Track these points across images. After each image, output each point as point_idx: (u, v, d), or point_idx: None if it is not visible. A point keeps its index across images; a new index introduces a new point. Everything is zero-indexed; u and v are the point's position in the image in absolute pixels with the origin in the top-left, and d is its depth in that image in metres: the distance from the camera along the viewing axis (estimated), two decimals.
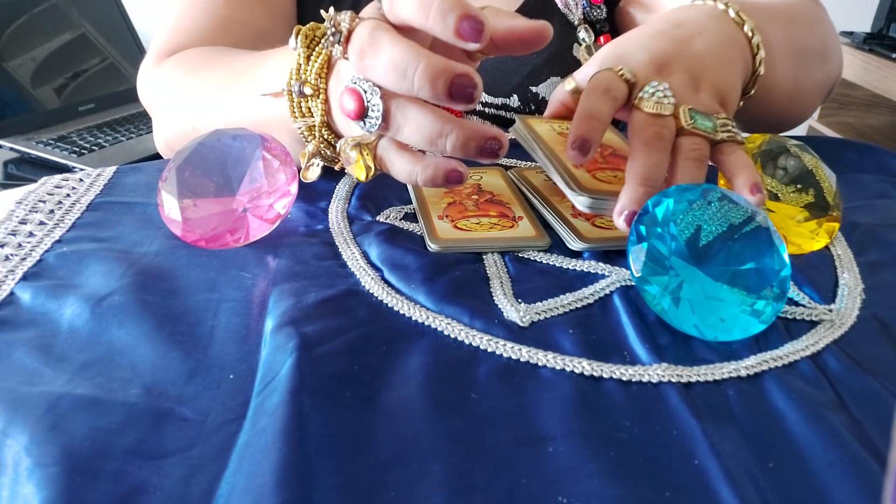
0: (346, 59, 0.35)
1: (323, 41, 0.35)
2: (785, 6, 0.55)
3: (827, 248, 0.42)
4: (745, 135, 0.43)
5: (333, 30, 0.34)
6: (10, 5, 1.36)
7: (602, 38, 0.67)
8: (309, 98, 0.40)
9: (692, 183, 0.37)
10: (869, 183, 0.53)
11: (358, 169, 0.36)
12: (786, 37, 0.52)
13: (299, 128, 0.41)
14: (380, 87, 0.33)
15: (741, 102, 0.48)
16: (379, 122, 0.34)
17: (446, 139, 0.33)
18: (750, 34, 0.47)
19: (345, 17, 0.34)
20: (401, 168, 0.35)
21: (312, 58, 0.39)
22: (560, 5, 0.66)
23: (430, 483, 0.24)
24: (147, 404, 0.28)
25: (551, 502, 0.24)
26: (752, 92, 0.48)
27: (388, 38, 0.32)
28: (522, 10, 0.67)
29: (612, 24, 0.69)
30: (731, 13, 0.47)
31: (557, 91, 0.48)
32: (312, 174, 0.43)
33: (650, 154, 0.37)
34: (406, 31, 0.34)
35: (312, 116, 0.41)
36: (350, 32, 0.34)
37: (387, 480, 0.24)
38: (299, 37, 0.39)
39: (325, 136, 0.41)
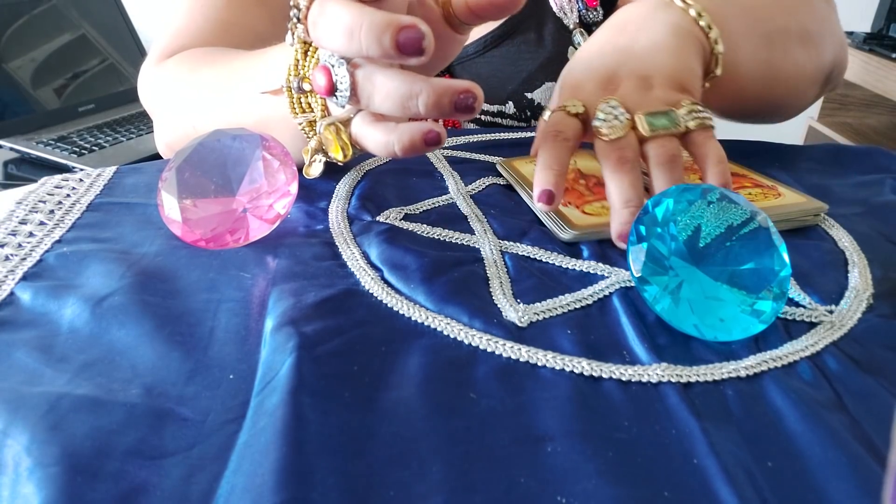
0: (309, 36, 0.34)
1: (289, 24, 0.34)
2: None
3: (840, 251, 0.42)
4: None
5: (295, 10, 0.34)
6: (11, 6, 1.36)
7: None
8: (308, 94, 0.40)
9: (672, 184, 0.37)
10: (870, 185, 0.53)
11: (335, 149, 0.36)
12: (749, 17, 0.51)
13: (300, 124, 0.41)
14: (346, 60, 0.33)
15: (706, 84, 0.48)
16: (348, 94, 0.33)
17: (418, 99, 0.32)
18: (696, 16, 0.46)
19: None
20: (376, 141, 0.35)
21: (310, 53, 0.39)
22: (555, 8, 0.66)
23: (429, 482, 0.24)
24: (147, 404, 0.28)
25: (550, 502, 0.24)
26: (719, 71, 0.48)
27: (336, 3, 0.31)
28: (515, 13, 0.67)
29: None
30: (677, 0, 0.47)
31: (539, 123, 0.48)
32: (315, 170, 0.43)
33: (621, 178, 0.38)
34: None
35: (313, 112, 0.41)
36: (308, 9, 0.33)
37: (386, 480, 0.25)
38: (296, 33, 0.39)
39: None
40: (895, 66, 1.55)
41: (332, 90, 0.34)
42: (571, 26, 0.66)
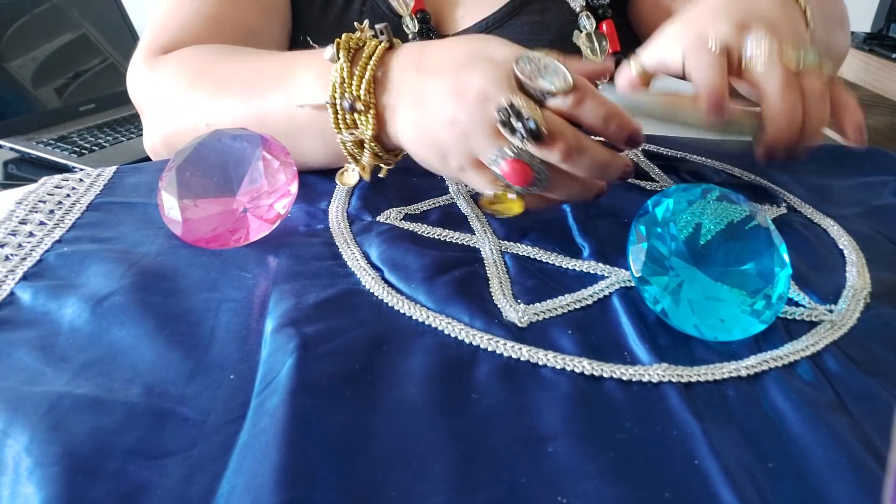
0: (529, 147, 0.37)
1: (508, 133, 0.37)
2: None
3: (840, 250, 0.42)
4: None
5: (518, 124, 0.36)
6: (11, 6, 1.36)
7: (604, 24, 0.66)
8: (359, 113, 0.41)
9: (826, 119, 0.43)
10: (872, 186, 0.53)
11: (506, 209, 0.39)
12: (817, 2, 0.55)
13: (343, 140, 0.43)
14: (544, 162, 0.37)
15: None
16: (541, 190, 0.39)
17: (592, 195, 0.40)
18: None
19: (522, 104, 0.36)
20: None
21: (357, 73, 0.40)
22: None
23: (431, 482, 0.24)
24: (148, 404, 0.28)
25: (551, 502, 0.24)
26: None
27: (592, 144, 0.38)
28: None
29: (615, 8, 0.68)
30: None
31: (623, 74, 0.51)
32: (353, 179, 0.45)
33: (791, 96, 0.42)
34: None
35: (357, 128, 0.42)
36: (538, 129, 0.36)
37: (387, 480, 0.24)
38: (340, 50, 0.40)
39: (374, 148, 0.43)
40: (895, 66, 1.55)
41: (527, 184, 0.38)
42: (578, 9, 0.66)
